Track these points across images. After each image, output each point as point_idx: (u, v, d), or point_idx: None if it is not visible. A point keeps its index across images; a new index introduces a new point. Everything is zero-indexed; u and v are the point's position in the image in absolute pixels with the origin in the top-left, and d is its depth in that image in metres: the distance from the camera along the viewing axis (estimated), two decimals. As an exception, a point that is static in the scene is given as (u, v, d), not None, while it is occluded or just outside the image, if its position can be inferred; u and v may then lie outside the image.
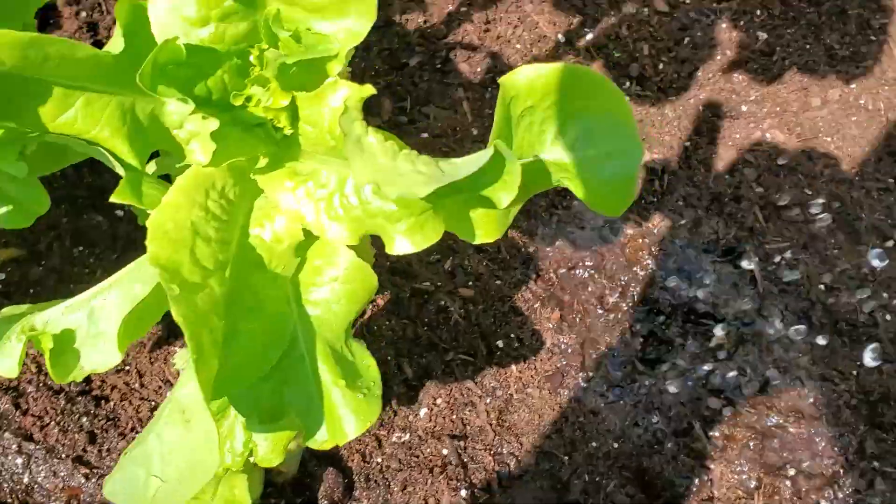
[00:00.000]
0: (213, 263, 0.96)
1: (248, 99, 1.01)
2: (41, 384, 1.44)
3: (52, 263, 1.59)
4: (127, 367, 1.51)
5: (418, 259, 1.78)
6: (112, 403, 1.46)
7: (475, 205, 1.02)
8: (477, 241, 1.07)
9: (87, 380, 1.48)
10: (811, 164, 1.89)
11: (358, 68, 1.88)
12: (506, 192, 0.97)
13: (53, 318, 1.23)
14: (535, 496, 1.58)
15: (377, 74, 1.89)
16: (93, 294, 1.24)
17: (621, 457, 1.63)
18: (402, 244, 1.00)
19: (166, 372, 1.52)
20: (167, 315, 1.16)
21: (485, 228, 1.06)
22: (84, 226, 1.65)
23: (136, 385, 1.49)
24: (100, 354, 1.22)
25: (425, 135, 1.84)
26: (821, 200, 1.83)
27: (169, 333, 1.56)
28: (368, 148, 0.91)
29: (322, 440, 1.05)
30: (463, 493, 1.54)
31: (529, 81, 0.98)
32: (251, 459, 1.23)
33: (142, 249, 1.59)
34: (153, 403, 1.47)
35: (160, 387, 1.50)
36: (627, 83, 1.98)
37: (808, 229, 1.80)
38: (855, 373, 1.66)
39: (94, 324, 1.22)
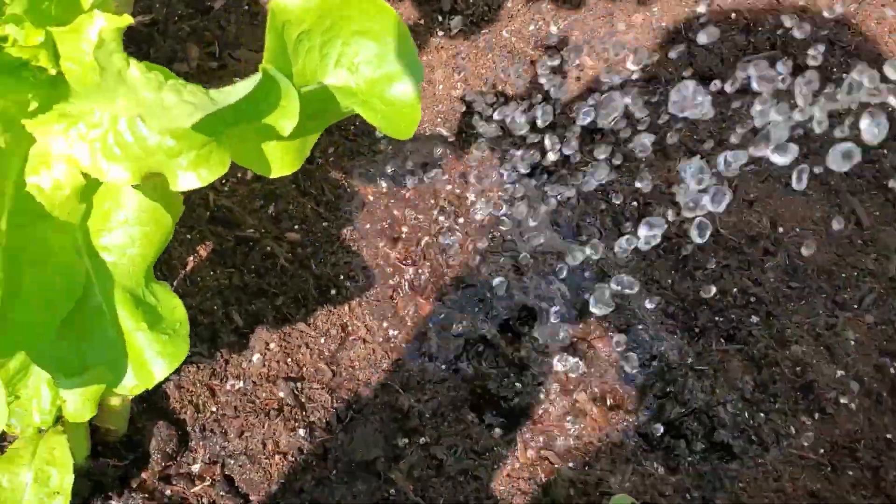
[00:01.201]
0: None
1: (4, 39, 0.96)
2: None
3: None
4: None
5: (241, 205, 1.76)
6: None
7: (263, 136, 1.02)
8: (274, 175, 1.06)
9: None
10: (619, 89, 1.97)
11: (160, 14, 1.82)
12: (286, 119, 0.96)
13: None
14: (375, 428, 1.60)
15: (181, 19, 1.83)
16: None
17: (455, 382, 1.68)
18: (186, 179, 0.98)
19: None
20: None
21: (280, 161, 1.05)
22: None
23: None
24: None
25: (237, 79, 1.80)
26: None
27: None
28: (131, 81, 0.89)
29: (131, 385, 1.03)
30: (301, 432, 1.56)
31: (303, 3, 0.97)
32: (62, 417, 1.20)
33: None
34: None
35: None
36: (440, 17, 1.99)
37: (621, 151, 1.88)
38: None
39: None
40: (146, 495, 1.43)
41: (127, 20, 0.90)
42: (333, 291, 1.72)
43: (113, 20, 0.90)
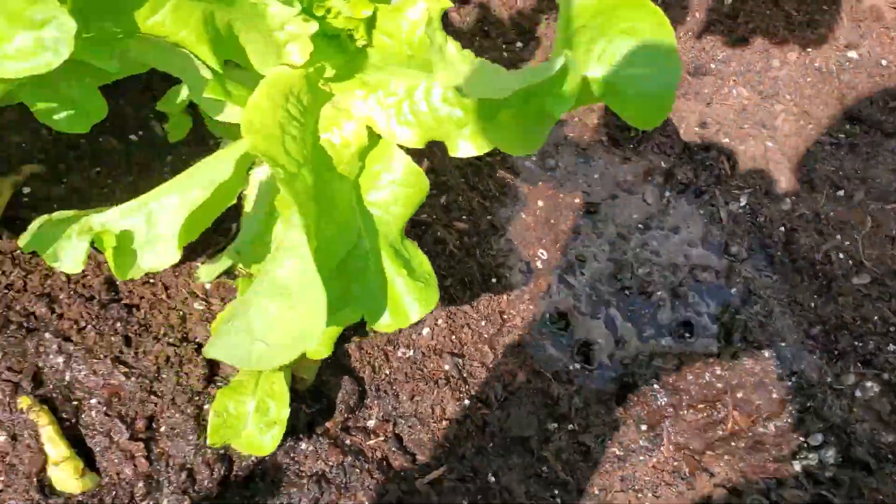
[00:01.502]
0: (301, 158, 1.05)
1: (328, 11, 1.10)
2: (73, 292, 1.50)
3: (73, 182, 1.64)
4: (152, 281, 1.58)
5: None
6: (143, 312, 1.53)
7: (529, 116, 1.14)
8: (519, 153, 1.19)
9: (116, 289, 1.54)
10: (772, 118, 2.08)
11: None
12: (561, 104, 1.08)
13: (110, 220, 1.30)
14: (528, 410, 1.72)
15: None
16: (147, 199, 1.32)
17: (603, 378, 1.80)
18: (465, 148, 1.11)
19: (191, 285, 1.60)
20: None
21: (527, 141, 1.18)
22: (101, 148, 1.70)
23: (164, 296, 1.56)
24: (157, 254, 1.30)
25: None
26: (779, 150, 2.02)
27: (190, 251, 1.64)
28: (449, 56, 1.02)
29: (386, 324, 1.16)
30: (466, 402, 1.68)
31: (583, 2, 1.10)
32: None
33: (157, 173, 1.67)
34: (181, 313, 1.55)
35: (186, 298, 1.58)
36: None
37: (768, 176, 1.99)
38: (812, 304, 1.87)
39: (152, 225, 1.30)
40: (331, 441, 1.56)
41: (446, 3, 1.04)
42: (494, 280, 1.85)
43: (436, 2, 1.04)
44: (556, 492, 1.68)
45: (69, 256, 1.26)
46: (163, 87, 1.58)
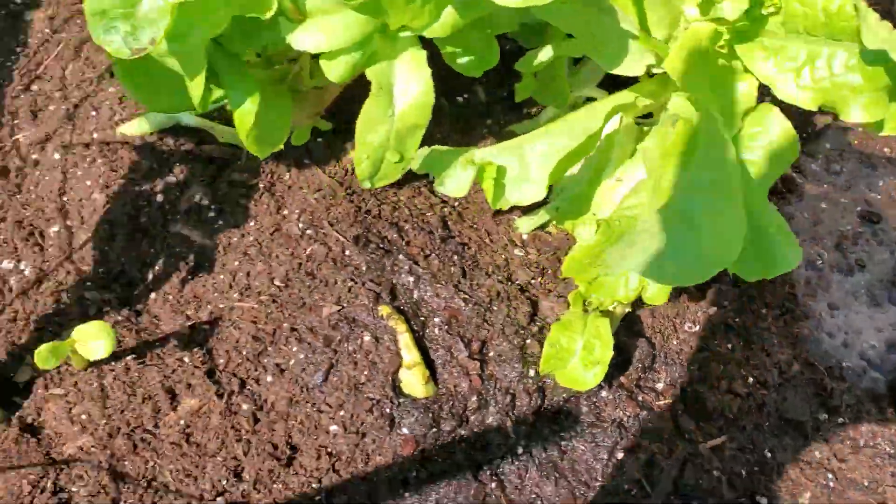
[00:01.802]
0: (714, 105, 1.17)
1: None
2: (416, 224, 1.67)
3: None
4: (476, 226, 1.74)
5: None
6: (472, 250, 1.68)
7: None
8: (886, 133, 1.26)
9: (448, 228, 1.70)
10: None
11: None
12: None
13: (488, 156, 1.47)
14: (802, 398, 1.76)
15: None
16: (522, 141, 1.47)
17: (873, 377, 1.82)
18: (856, 114, 1.20)
19: (510, 234, 1.74)
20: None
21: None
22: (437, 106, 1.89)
23: (487, 240, 1.72)
24: (526, 190, 1.46)
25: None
26: None
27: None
28: (869, 22, 1.12)
29: (757, 273, 1.26)
30: (749, 380, 1.74)
31: None
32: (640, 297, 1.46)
33: (477, 131, 1.82)
34: (504, 256, 1.70)
35: (506, 245, 1.72)
36: None
37: None
38: None
39: (523, 165, 1.45)
40: (627, 394, 1.66)
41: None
42: (774, 272, 1.91)
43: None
44: (829, 476, 1.71)
45: (454, 182, 1.44)
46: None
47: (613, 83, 1.79)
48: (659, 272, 1.10)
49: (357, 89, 1.65)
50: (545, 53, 1.59)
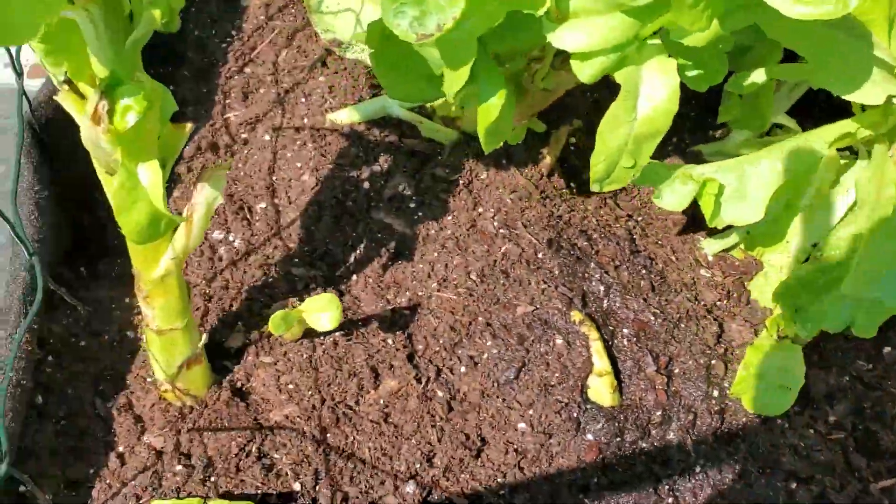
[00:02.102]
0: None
1: None
2: (604, 234, 1.69)
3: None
4: (662, 243, 1.74)
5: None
6: (660, 266, 1.69)
7: None
8: None
9: (634, 242, 1.72)
10: None
11: None
12: None
13: (707, 173, 1.47)
14: None
15: None
16: (743, 161, 1.48)
17: None
18: None
19: (695, 253, 1.74)
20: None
21: None
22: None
23: (673, 258, 1.72)
24: (743, 210, 1.46)
25: None
26: None
27: (692, 222, 1.79)
28: None
29: None
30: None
31: None
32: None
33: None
34: (690, 276, 1.70)
35: (692, 264, 1.73)
36: None
37: None
38: None
39: (742, 184, 1.45)
40: (804, 425, 1.64)
41: None
42: None
43: None
44: None
45: (672, 196, 1.45)
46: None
47: (802, 113, 1.78)
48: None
49: (565, 97, 1.69)
50: (758, 75, 1.60)
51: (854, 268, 1.31)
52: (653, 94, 1.26)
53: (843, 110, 1.57)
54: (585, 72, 1.23)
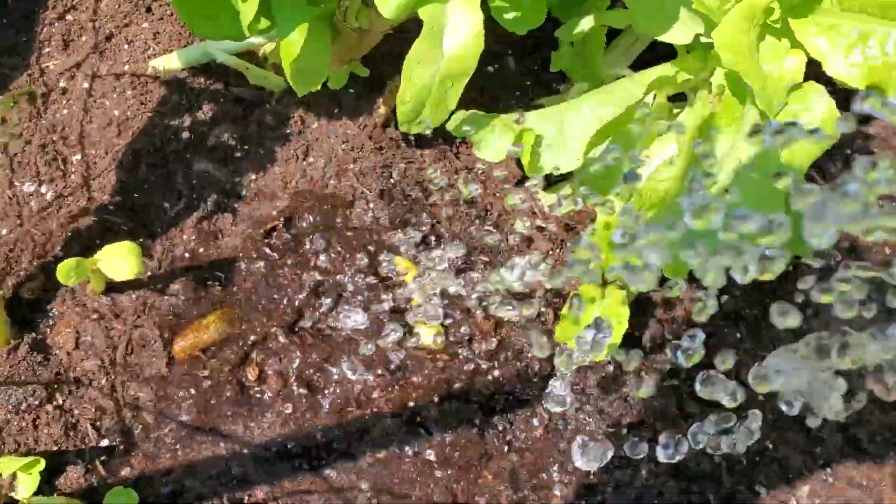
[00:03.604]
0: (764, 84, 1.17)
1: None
2: (440, 187, 1.66)
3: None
4: (500, 195, 1.73)
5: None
6: (494, 216, 1.68)
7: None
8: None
9: (471, 194, 1.69)
10: None
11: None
12: None
13: (528, 122, 1.45)
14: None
15: None
16: (562, 109, 1.46)
17: None
18: (901, 93, 1.20)
19: (533, 205, 1.73)
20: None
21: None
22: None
23: (509, 210, 1.71)
24: (562, 157, 1.45)
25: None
26: None
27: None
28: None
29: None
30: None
31: None
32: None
33: (503, 101, 1.82)
34: (521, 227, 1.69)
35: (528, 215, 1.71)
36: None
37: None
38: None
39: (561, 133, 1.44)
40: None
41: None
42: None
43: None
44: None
45: (490, 147, 1.43)
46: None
47: (645, 66, 1.79)
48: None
49: (396, 44, 1.65)
50: (586, 22, 1.59)
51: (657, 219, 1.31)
52: (458, 30, 1.23)
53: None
54: (387, 8, 1.19)
